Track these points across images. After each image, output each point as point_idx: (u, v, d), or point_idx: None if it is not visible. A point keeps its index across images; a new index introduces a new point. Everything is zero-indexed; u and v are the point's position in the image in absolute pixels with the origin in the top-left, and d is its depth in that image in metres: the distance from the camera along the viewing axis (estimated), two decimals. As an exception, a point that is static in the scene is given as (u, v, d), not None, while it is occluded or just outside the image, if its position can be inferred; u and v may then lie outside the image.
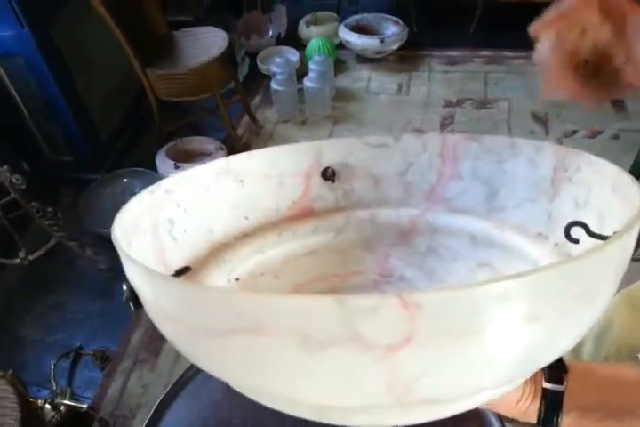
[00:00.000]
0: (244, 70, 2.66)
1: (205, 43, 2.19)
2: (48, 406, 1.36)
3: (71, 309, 1.78)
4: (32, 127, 2.00)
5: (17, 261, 1.68)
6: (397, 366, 0.26)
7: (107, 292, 1.81)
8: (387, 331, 0.25)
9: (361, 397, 0.28)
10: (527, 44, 0.36)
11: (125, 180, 2.05)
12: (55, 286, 1.85)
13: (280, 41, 2.81)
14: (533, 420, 0.45)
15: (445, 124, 2.42)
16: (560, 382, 0.44)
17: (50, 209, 1.73)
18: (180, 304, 0.30)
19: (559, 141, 2.26)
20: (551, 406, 0.44)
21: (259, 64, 2.65)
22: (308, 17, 2.86)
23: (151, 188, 0.46)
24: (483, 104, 2.49)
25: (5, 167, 1.59)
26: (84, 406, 1.36)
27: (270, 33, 2.79)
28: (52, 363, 1.48)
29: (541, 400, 0.44)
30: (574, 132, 2.31)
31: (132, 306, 0.37)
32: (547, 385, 0.44)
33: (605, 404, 0.45)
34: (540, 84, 0.47)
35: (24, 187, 1.62)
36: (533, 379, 0.45)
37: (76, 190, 2.02)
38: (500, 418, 0.76)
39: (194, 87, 2.09)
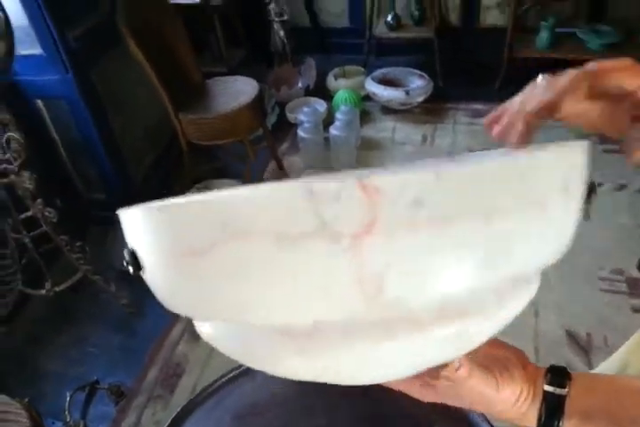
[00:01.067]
0: (272, 119, 2.75)
1: (236, 90, 2.29)
2: (61, 437, 1.36)
3: (92, 342, 1.80)
4: (68, 165, 2.09)
5: (43, 292, 1.72)
6: (364, 256, 0.27)
7: (127, 327, 1.84)
8: (350, 216, 0.26)
9: (335, 301, 0.28)
10: None
11: (153, 218, 2.09)
12: (78, 318, 1.88)
13: (309, 92, 2.92)
14: (533, 423, 0.45)
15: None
16: (562, 386, 0.45)
17: (78, 244, 1.78)
18: (170, 226, 0.32)
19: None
20: (552, 409, 0.44)
21: (287, 113, 2.75)
22: (336, 70, 2.97)
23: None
24: (509, 157, 2.52)
25: (39, 200, 1.65)
26: (97, 437, 1.35)
27: (300, 84, 2.90)
28: (67, 395, 1.49)
29: (542, 403, 0.44)
30: (599, 185, 2.31)
31: (131, 269, 0.39)
32: (548, 388, 0.45)
33: (608, 412, 0.44)
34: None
35: (55, 220, 1.68)
36: (533, 380, 0.45)
37: (104, 228, 2.08)
38: (489, 421, 0.75)
39: (223, 132, 2.17)
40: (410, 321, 0.31)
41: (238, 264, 0.29)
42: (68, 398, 1.48)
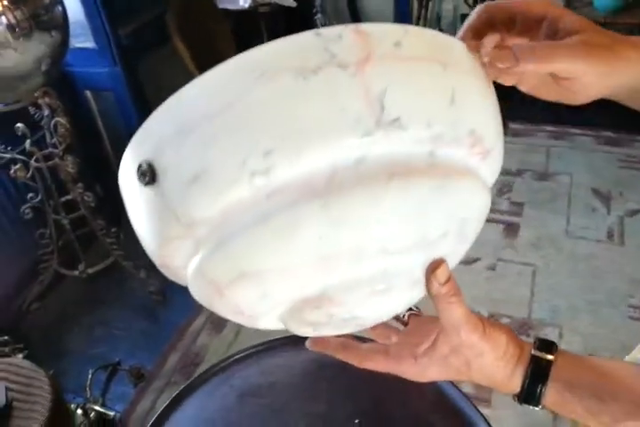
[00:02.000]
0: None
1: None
2: (80, 411, 1.41)
3: (117, 325, 1.86)
4: (110, 154, 2.17)
5: (76, 273, 1.79)
6: (366, 79, 0.34)
7: (152, 313, 1.89)
8: (352, 49, 0.34)
9: (352, 120, 0.34)
10: (592, 122, 0.38)
11: (187, 211, 2.15)
12: (106, 301, 1.95)
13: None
14: (516, 389, 0.46)
15: (503, 192, 2.42)
16: (550, 353, 0.45)
17: (113, 229, 1.84)
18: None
19: (621, 220, 2.22)
20: (537, 374, 0.44)
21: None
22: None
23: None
24: (543, 176, 2.50)
25: (80, 185, 1.73)
26: (112, 413, 1.39)
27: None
28: (90, 372, 1.54)
29: (528, 366, 0.45)
30: (638, 211, 2.26)
31: (145, 180, 0.37)
32: (536, 353, 0.45)
33: (592, 384, 0.45)
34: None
35: (93, 205, 1.75)
36: (519, 344, 0.46)
37: (140, 217, 2.14)
38: (486, 419, 0.74)
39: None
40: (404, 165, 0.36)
41: (268, 102, 0.34)
42: (89, 376, 1.52)
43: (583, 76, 0.42)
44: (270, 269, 0.37)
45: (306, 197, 0.34)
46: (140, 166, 0.37)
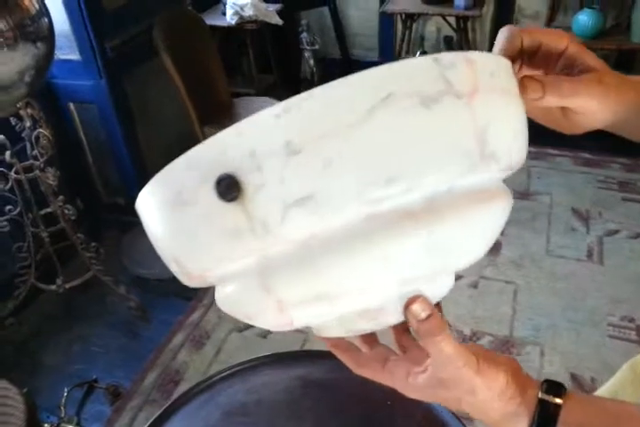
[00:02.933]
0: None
1: (261, 109, 2.34)
2: (53, 430, 1.37)
3: (95, 341, 1.82)
4: (92, 168, 2.15)
5: (53, 287, 1.75)
6: (475, 111, 0.35)
7: (131, 330, 1.85)
8: (464, 80, 0.35)
9: (462, 150, 0.35)
10: (570, 144, 0.41)
11: (169, 227, 2.13)
12: (84, 317, 1.90)
13: (334, 118, 2.96)
14: None
15: (485, 210, 2.45)
16: (559, 396, 0.43)
17: (93, 244, 1.81)
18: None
19: (600, 239, 2.25)
20: (546, 418, 0.43)
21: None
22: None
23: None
24: (524, 195, 2.52)
25: (61, 197, 1.70)
26: (88, 433, 1.36)
27: (326, 110, 2.95)
28: (65, 390, 1.50)
29: (536, 410, 0.43)
30: (616, 231, 2.29)
31: (229, 195, 0.35)
32: (544, 396, 0.43)
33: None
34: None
35: (74, 218, 1.72)
36: (522, 383, 0.44)
37: (121, 231, 2.12)
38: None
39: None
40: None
41: (393, 127, 0.34)
42: (65, 394, 1.49)
43: (595, 112, 0.45)
44: (352, 289, 0.37)
45: (404, 221, 0.34)
46: (222, 179, 0.34)
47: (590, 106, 0.45)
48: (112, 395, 1.57)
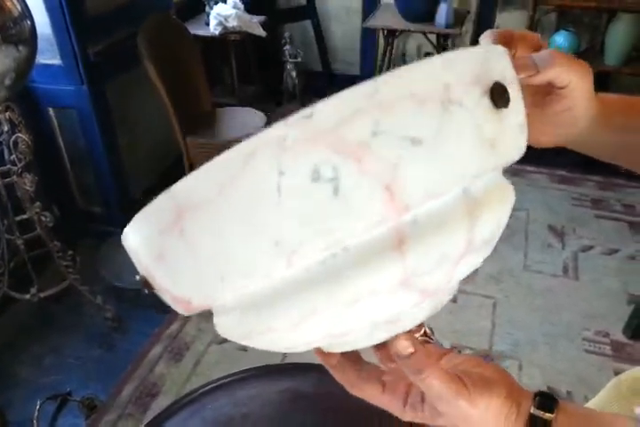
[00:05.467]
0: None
1: (244, 120, 2.34)
2: (25, 445, 1.32)
3: (69, 353, 1.76)
4: (69, 175, 2.11)
5: (27, 296, 1.70)
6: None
7: (107, 341, 1.81)
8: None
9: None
10: (546, 161, 0.41)
11: (147, 236, 2.10)
12: (59, 327, 1.85)
13: (314, 131, 2.97)
14: None
15: (464, 225, 2.47)
16: (550, 411, 0.43)
17: (70, 252, 1.77)
18: None
19: (575, 255, 2.29)
20: None
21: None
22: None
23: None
24: (500, 210, 2.55)
25: (38, 204, 1.66)
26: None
27: (306, 123, 2.96)
28: (37, 403, 1.45)
29: (528, 425, 0.42)
30: (590, 247, 2.33)
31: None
32: (536, 412, 0.43)
33: None
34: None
35: (51, 225, 1.68)
36: (516, 400, 0.43)
37: (97, 240, 2.07)
38: None
39: (228, 158, 2.20)
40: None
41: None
42: (37, 407, 1.44)
43: (579, 93, 0.48)
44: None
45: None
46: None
47: (571, 80, 0.47)
48: (87, 408, 1.53)
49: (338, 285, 0.33)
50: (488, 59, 0.35)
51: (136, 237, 0.36)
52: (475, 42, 3.08)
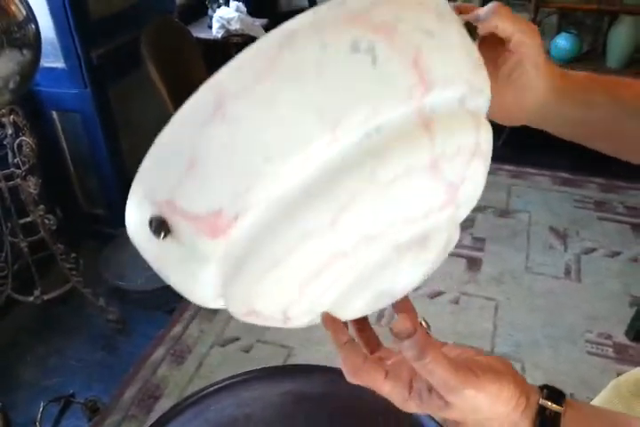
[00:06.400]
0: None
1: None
2: (28, 447, 1.32)
3: (72, 355, 1.77)
4: (72, 177, 2.12)
5: (31, 299, 1.71)
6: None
7: (110, 343, 1.81)
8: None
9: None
10: (548, 164, 0.41)
11: (150, 238, 2.10)
12: (62, 329, 1.86)
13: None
14: None
15: (465, 227, 2.47)
16: (559, 403, 0.42)
17: (73, 255, 1.78)
18: None
19: (577, 257, 2.29)
20: (547, 426, 0.42)
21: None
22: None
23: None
24: (504, 213, 2.55)
25: (41, 207, 1.66)
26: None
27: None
28: (41, 405, 1.45)
29: (536, 418, 0.42)
30: (593, 249, 2.33)
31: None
32: (544, 403, 0.42)
33: None
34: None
35: (54, 228, 1.68)
36: (524, 389, 0.42)
37: (100, 242, 2.08)
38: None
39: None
40: None
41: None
42: (40, 409, 1.44)
43: (521, 44, 0.48)
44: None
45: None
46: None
47: (522, 38, 0.48)
48: (90, 410, 1.53)
49: (375, 163, 0.33)
50: None
51: (148, 169, 0.36)
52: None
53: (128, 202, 0.39)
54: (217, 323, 1.93)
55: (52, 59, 1.88)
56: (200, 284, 0.38)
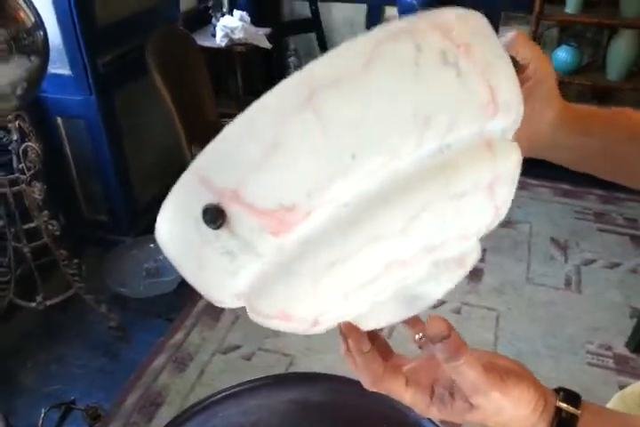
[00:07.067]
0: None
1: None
2: (29, 454, 1.32)
3: (73, 361, 1.76)
4: (76, 184, 2.12)
5: (33, 304, 1.70)
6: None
7: (112, 350, 1.81)
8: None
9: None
10: (549, 175, 0.41)
11: (152, 245, 2.10)
12: (63, 336, 1.85)
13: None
14: None
15: (466, 237, 2.47)
16: (576, 406, 0.43)
17: (75, 260, 1.77)
18: None
19: (577, 269, 2.30)
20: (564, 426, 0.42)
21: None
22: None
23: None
24: (505, 224, 2.56)
25: (46, 212, 1.66)
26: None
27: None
28: (42, 412, 1.45)
29: (553, 420, 0.43)
30: (593, 261, 2.34)
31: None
32: (562, 405, 0.43)
33: None
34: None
35: (58, 233, 1.68)
36: (542, 393, 0.43)
37: (103, 249, 2.08)
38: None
39: (234, 169, 2.21)
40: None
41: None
42: (41, 416, 1.44)
43: (537, 70, 0.49)
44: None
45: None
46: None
47: (538, 65, 0.49)
48: (91, 417, 1.52)
49: (451, 175, 0.34)
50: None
51: (222, 148, 0.34)
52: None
53: (176, 187, 0.36)
54: (218, 330, 1.93)
55: (57, 65, 1.89)
56: (235, 280, 0.36)
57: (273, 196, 0.32)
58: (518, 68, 0.46)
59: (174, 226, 0.38)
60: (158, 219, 0.38)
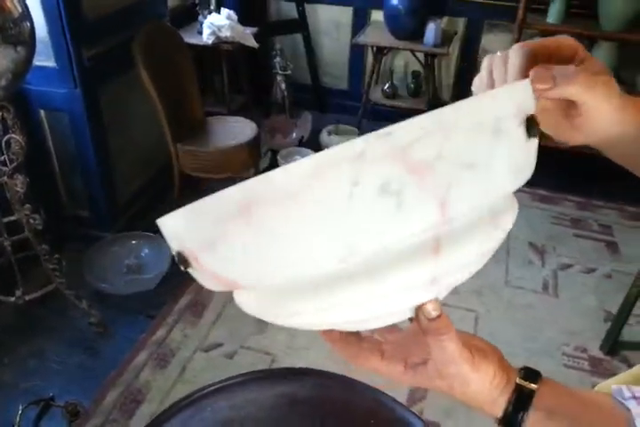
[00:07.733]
0: (265, 163, 2.81)
1: (235, 130, 2.36)
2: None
3: (52, 357, 1.73)
4: (57, 178, 2.09)
5: (12, 299, 1.67)
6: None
7: (92, 346, 1.78)
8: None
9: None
10: (529, 181, 0.42)
11: (134, 242, 2.08)
12: (43, 331, 1.82)
13: (302, 143, 3.00)
14: (498, 413, 0.47)
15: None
16: (534, 382, 0.47)
17: (56, 255, 1.75)
18: None
19: (554, 273, 2.34)
20: (520, 402, 0.46)
21: (280, 160, 2.81)
22: (330, 127, 3.08)
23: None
24: (484, 227, 2.60)
25: (27, 206, 1.64)
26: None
27: (294, 135, 2.98)
28: (19, 408, 1.42)
29: (512, 395, 0.46)
30: (569, 266, 2.39)
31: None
32: (521, 382, 0.47)
33: (572, 414, 0.47)
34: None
35: (40, 228, 1.66)
36: (506, 369, 0.47)
37: (83, 244, 2.05)
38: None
39: (218, 166, 2.21)
40: None
41: None
42: (19, 412, 1.41)
43: (598, 111, 0.49)
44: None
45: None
46: None
47: (593, 106, 0.48)
48: (70, 414, 1.50)
49: (376, 280, 0.36)
50: (522, 91, 0.39)
51: (182, 222, 0.37)
52: (461, 64, 3.16)
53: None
54: (201, 328, 1.92)
55: (42, 57, 1.86)
56: None
57: (218, 272, 0.38)
58: (535, 131, 0.41)
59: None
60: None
